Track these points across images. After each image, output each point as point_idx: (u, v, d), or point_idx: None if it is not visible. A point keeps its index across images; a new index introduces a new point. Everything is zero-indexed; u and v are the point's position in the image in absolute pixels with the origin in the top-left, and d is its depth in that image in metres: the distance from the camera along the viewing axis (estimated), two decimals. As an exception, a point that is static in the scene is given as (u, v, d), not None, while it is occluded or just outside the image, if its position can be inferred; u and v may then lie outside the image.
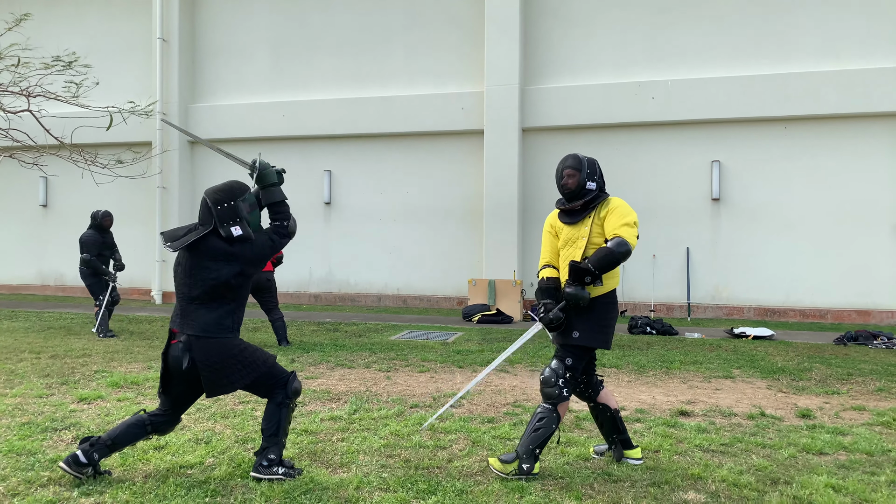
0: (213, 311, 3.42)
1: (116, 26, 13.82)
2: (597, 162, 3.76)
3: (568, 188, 3.68)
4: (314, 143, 12.86)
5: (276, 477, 3.44)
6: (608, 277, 3.61)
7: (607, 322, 3.63)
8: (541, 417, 3.51)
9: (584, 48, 11.54)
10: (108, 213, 8.90)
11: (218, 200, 3.53)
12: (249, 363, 3.49)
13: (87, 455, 3.39)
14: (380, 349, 7.55)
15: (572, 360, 3.57)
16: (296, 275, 12.86)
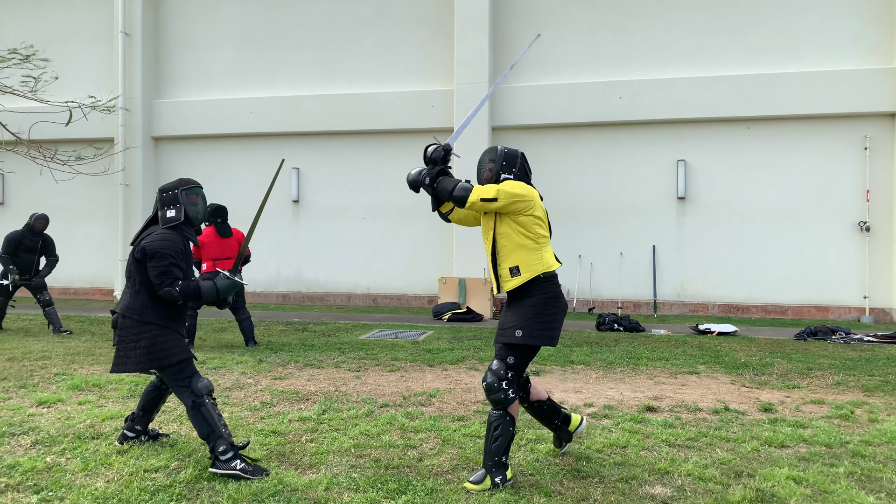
0: (132, 290, 3.74)
1: (77, 18, 13.45)
2: (519, 155, 3.64)
3: (486, 180, 3.63)
4: (282, 139, 12.71)
5: (234, 472, 3.45)
6: (528, 266, 3.45)
7: (549, 317, 3.45)
8: (496, 426, 3.38)
9: (553, 47, 11.63)
10: (43, 217, 8.72)
11: (164, 189, 3.85)
12: (154, 352, 3.62)
13: (131, 429, 3.99)
14: (349, 349, 7.50)
15: (514, 358, 3.43)
16: (263, 274, 12.69)
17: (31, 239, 8.61)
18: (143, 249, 3.68)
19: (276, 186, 12.60)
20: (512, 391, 3.42)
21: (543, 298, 3.47)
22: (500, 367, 3.43)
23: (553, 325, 3.47)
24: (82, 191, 13.11)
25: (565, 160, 11.63)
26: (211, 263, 7.48)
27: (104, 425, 4.40)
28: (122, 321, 3.71)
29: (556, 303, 3.51)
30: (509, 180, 3.52)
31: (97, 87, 13.09)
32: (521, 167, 3.62)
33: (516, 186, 3.47)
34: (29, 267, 8.62)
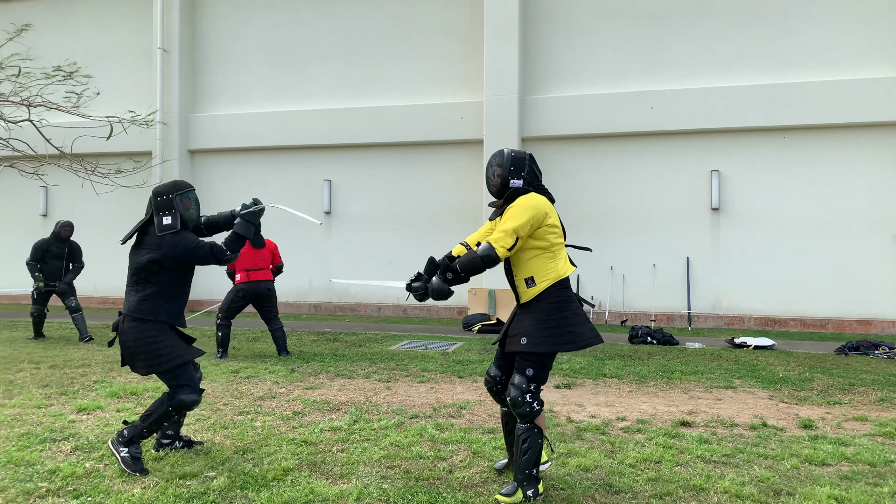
0: (136, 294, 3.85)
1: (117, 36, 13.89)
2: (527, 158, 3.54)
3: (494, 186, 3.55)
4: (314, 152, 12.89)
5: (118, 456, 3.73)
6: (542, 276, 3.39)
7: (556, 322, 3.35)
8: (524, 439, 3.33)
9: (584, 58, 11.60)
10: (68, 224, 9.06)
11: (158, 193, 3.96)
12: (154, 356, 3.79)
13: (164, 436, 4.06)
14: (380, 359, 7.53)
15: (533, 370, 3.36)
16: (295, 284, 12.85)
17: (57, 246, 8.87)
18: (176, 259, 3.83)
19: (308, 197, 12.81)
20: (537, 403, 3.37)
21: (550, 303, 3.39)
22: (521, 381, 3.37)
23: (561, 331, 3.35)
24: (121, 203, 13.46)
25: (596, 171, 11.55)
26: (245, 274, 7.60)
27: (141, 433, 4.48)
28: (126, 325, 3.84)
29: (564, 307, 3.40)
30: (517, 200, 3.41)
31: (136, 102, 13.47)
32: (529, 170, 3.53)
33: (524, 210, 3.35)
34: (57, 274, 8.89)
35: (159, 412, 3.82)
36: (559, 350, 3.36)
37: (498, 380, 3.64)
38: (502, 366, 3.65)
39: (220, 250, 3.94)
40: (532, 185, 3.51)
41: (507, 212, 3.39)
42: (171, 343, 3.85)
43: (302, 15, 12.97)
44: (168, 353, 3.81)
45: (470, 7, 12.11)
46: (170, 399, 3.83)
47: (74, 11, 14.15)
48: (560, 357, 7.70)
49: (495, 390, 3.67)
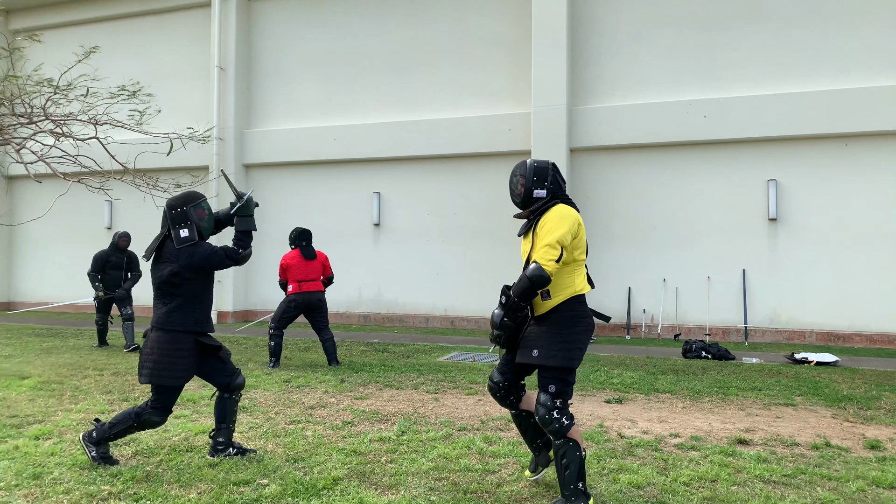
0: (164, 307, 3.99)
1: (177, 55, 14.47)
2: (550, 168, 3.51)
3: (518, 196, 3.53)
4: (364, 165, 13.09)
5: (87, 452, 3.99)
6: (558, 290, 3.35)
7: (569, 336, 3.32)
8: (562, 455, 3.27)
9: (633, 67, 11.46)
10: (126, 234, 9.40)
11: (172, 206, 4.05)
12: (159, 367, 3.92)
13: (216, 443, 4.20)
14: (427, 370, 7.54)
15: (555, 386, 3.31)
16: (346, 295, 13.03)
17: (116, 256, 9.24)
18: (195, 268, 3.97)
19: (358, 209, 13.01)
20: (566, 418, 3.31)
21: (564, 317, 3.36)
22: (546, 399, 3.32)
23: (572, 346, 3.32)
24: (180, 216, 13.94)
25: (647, 181, 11.36)
26: (297, 285, 7.76)
27: (197, 439, 4.61)
28: (152, 334, 4.01)
29: (578, 322, 3.36)
30: (551, 211, 3.38)
31: (195, 119, 13.99)
32: (553, 179, 3.50)
33: (562, 220, 3.32)
34: (116, 283, 9.24)
35: (125, 425, 3.98)
36: (569, 365, 3.31)
37: (501, 385, 3.63)
38: (506, 372, 3.63)
39: (233, 251, 4.10)
40: (557, 195, 3.49)
41: (544, 226, 3.35)
42: (181, 363, 3.96)
43: (352, 31, 13.25)
44: (171, 370, 3.93)
45: (517, 19, 12.13)
46: (138, 415, 3.98)
47: (139, 33, 14.82)
48: (611, 371, 7.56)
49: (500, 395, 3.66)
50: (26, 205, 15.66)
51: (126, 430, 4.01)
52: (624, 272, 11.44)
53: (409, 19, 12.87)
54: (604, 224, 11.55)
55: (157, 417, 4.01)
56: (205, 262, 4.00)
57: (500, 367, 3.66)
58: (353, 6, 13.26)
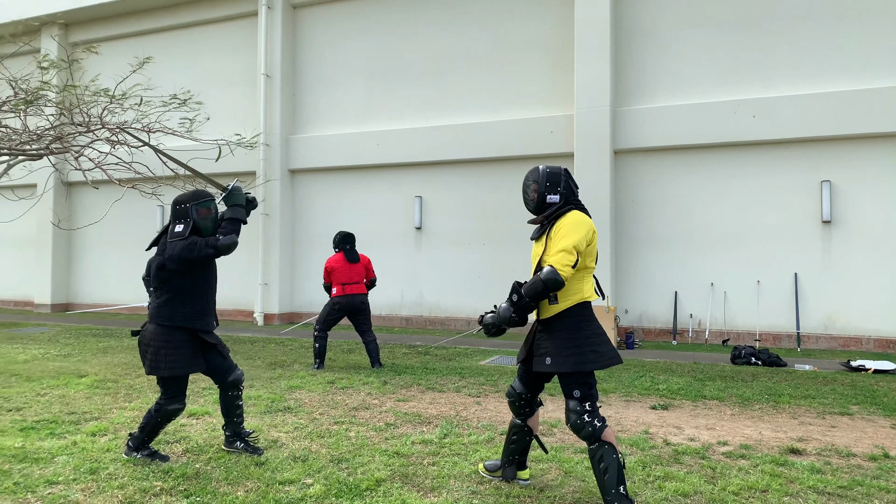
0: (156, 301, 4.09)
1: (226, 64, 14.86)
2: (562, 173, 3.55)
3: (532, 201, 3.59)
4: (406, 169, 13.19)
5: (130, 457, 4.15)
6: (566, 295, 3.39)
7: (579, 341, 3.35)
8: (599, 458, 3.26)
9: (679, 67, 11.24)
10: None
11: (177, 202, 4.15)
12: (157, 360, 4.02)
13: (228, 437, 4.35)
14: (469, 374, 7.54)
15: (579, 391, 3.35)
16: (388, 298, 13.13)
17: None
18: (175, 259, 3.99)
19: (400, 213, 13.11)
20: (597, 420, 3.32)
21: (572, 322, 3.40)
22: (575, 405, 3.35)
23: (583, 350, 3.34)
24: (228, 220, 14.29)
25: (693, 183, 11.11)
26: (340, 287, 7.87)
27: (244, 438, 4.72)
28: (146, 327, 4.12)
29: (585, 326, 3.40)
30: (567, 217, 3.42)
31: (242, 126, 14.33)
32: (565, 185, 3.54)
33: (577, 226, 3.36)
34: None
35: (151, 423, 4.12)
36: (582, 369, 3.32)
37: (523, 396, 3.68)
38: (527, 382, 3.67)
39: (214, 239, 4.03)
40: (569, 200, 3.53)
41: (560, 230, 3.38)
42: (176, 353, 4.04)
43: (395, 37, 13.38)
44: (169, 362, 4.02)
45: (559, 20, 12.05)
46: (157, 410, 4.10)
47: (190, 43, 15.28)
48: (656, 376, 7.43)
49: (518, 405, 3.71)
50: (84, 210, 16.30)
51: (154, 428, 4.14)
52: (670, 276, 11.22)
53: (450, 24, 12.93)
54: (649, 227, 11.35)
55: (174, 405, 4.13)
56: (184, 252, 3.98)
57: (521, 378, 3.69)
58: (395, 13, 13.39)
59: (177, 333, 4.07)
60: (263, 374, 7.42)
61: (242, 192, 4.22)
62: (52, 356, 8.69)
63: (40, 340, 10.42)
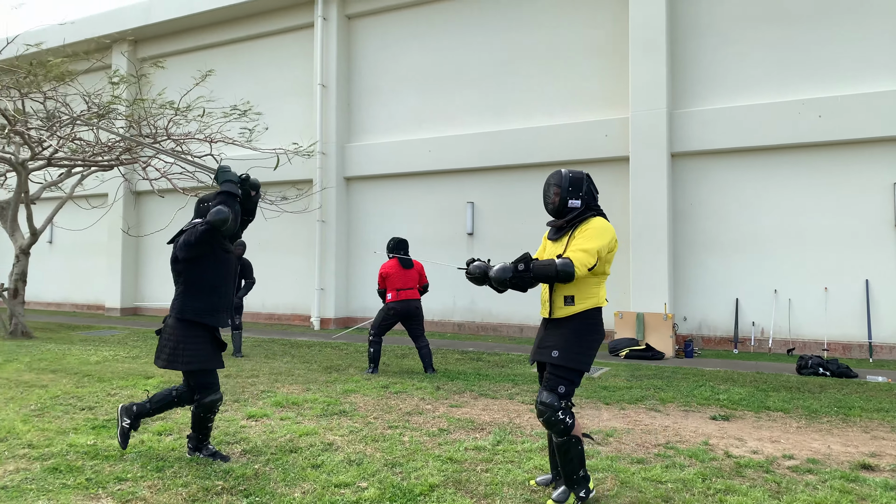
0: (175, 295, 4.26)
1: (284, 76, 15.27)
2: (585, 178, 3.64)
3: (552, 205, 3.67)
4: (458, 175, 13.23)
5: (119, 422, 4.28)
6: (583, 298, 3.49)
7: (588, 343, 3.50)
8: (566, 450, 3.45)
9: (739, 67, 10.90)
10: (241, 243, 9.55)
11: (202, 200, 4.38)
12: (186, 353, 4.13)
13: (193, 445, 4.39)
14: (522, 380, 7.49)
15: (564, 387, 3.47)
16: (440, 303, 13.19)
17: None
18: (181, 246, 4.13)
19: (452, 219, 13.15)
20: (569, 418, 3.46)
21: (585, 324, 3.51)
22: (553, 399, 3.45)
23: (589, 351, 3.50)
24: (285, 227, 14.67)
25: (755, 186, 10.74)
26: (395, 293, 7.95)
27: (301, 440, 4.82)
28: (167, 321, 4.27)
29: (595, 329, 3.53)
30: (594, 221, 3.51)
31: (299, 135, 14.70)
32: (587, 191, 3.63)
33: (604, 232, 3.46)
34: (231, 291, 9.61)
35: (198, 419, 4.26)
36: (583, 368, 3.49)
37: None
38: None
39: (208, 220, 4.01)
40: (590, 205, 3.62)
41: (585, 232, 3.48)
42: (196, 347, 4.15)
43: (447, 44, 13.47)
44: (189, 355, 4.14)
45: (612, 22, 11.88)
46: (197, 405, 4.22)
47: (249, 55, 15.78)
48: (716, 386, 7.20)
49: None
50: (151, 218, 17.02)
51: (201, 423, 4.28)
52: (731, 282, 10.86)
53: (503, 30, 12.92)
54: (708, 231, 11.03)
55: (211, 397, 4.25)
56: (186, 237, 4.11)
57: (541, 382, 3.74)
58: (448, 20, 13.48)
59: (194, 328, 4.19)
60: (320, 378, 7.56)
61: (231, 171, 4.21)
62: (122, 358, 9.10)
63: (111, 343, 10.91)
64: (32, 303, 18.39)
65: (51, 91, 11.74)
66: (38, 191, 12.58)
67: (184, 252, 4.15)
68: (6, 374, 7.53)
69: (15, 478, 3.95)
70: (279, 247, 15.03)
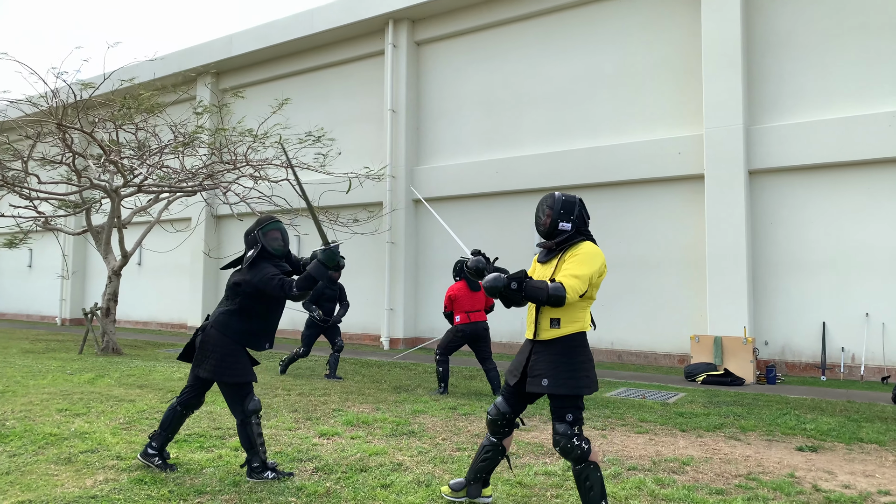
0: (222, 308, 4.45)
1: (355, 103, 15.74)
2: (577, 203, 3.66)
3: (543, 226, 3.67)
4: (526, 196, 13.19)
5: (266, 479, 4.29)
6: (569, 322, 3.51)
7: (576, 365, 3.48)
8: (585, 477, 3.41)
9: (821, 80, 10.42)
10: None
11: (248, 231, 4.54)
12: (227, 365, 4.32)
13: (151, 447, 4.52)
14: (593, 406, 7.32)
15: (572, 414, 3.48)
16: (509, 325, 13.10)
17: (330, 289, 9.52)
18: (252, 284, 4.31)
19: (518, 240, 13.09)
20: (585, 443, 3.45)
21: (570, 348, 3.51)
22: (566, 429, 3.46)
23: (579, 374, 3.48)
24: (357, 249, 15.01)
25: (839, 204, 10.18)
26: (465, 315, 7.96)
27: (371, 460, 4.87)
28: (209, 330, 4.41)
29: (581, 352, 3.53)
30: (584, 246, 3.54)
31: (370, 159, 15.07)
32: (578, 214, 3.65)
33: (594, 258, 3.49)
34: (329, 313, 9.50)
35: (248, 432, 4.34)
36: (578, 392, 3.46)
37: (506, 416, 3.76)
38: (513, 403, 3.75)
39: (289, 285, 4.20)
40: (581, 229, 3.65)
41: (575, 257, 3.51)
42: (240, 361, 4.37)
43: (514, 66, 13.54)
44: (235, 369, 4.33)
45: (684, 38, 11.63)
46: (244, 415, 4.35)
47: (322, 83, 16.38)
48: (803, 415, 6.81)
49: (499, 424, 3.77)
50: (230, 240, 17.79)
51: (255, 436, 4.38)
52: (817, 306, 10.28)
53: (571, 49, 12.88)
54: (791, 252, 10.51)
55: (254, 405, 4.40)
56: (260, 283, 4.28)
57: (507, 398, 3.76)
58: (515, 42, 13.57)
59: (235, 344, 4.40)
60: (389, 398, 7.64)
61: (337, 255, 4.26)
62: (202, 375, 9.47)
63: (192, 360, 11.39)
64: (122, 321, 19.50)
65: (142, 122, 12.54)
66: (129, 216, 13.41)
67: (252, 290, 4.37)
68: (98, 389, 8.00)
69: (104, 488, 4.17)
70: (350, 268, 15.36)
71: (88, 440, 5.35)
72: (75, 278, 21.19)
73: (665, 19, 11.92)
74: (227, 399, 4.44)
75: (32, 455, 4.91)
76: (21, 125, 13.58)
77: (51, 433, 5.56)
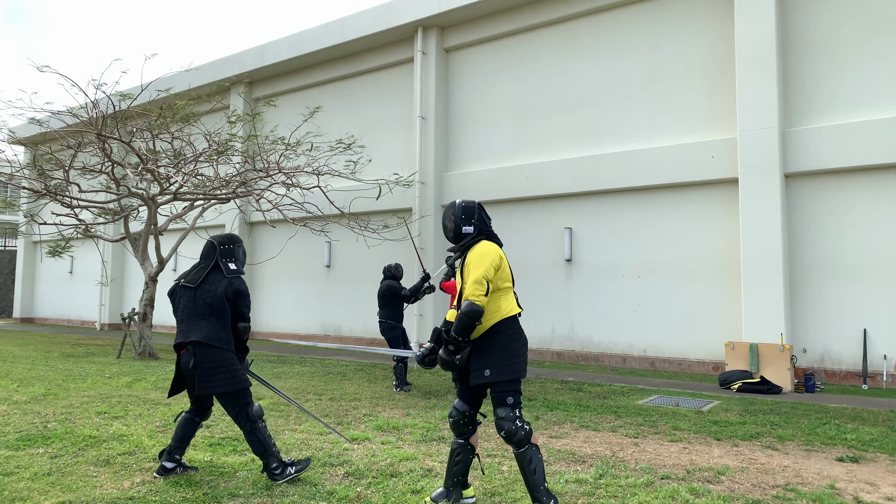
0: (210, 325, 4.49)
1: (385, 110, 15.87)
2: (476, 207, 3.96)
3: (451, 231, 3.95)
4: (555, 201, 13.12)
5: (291, 477, 4.40)
6: (489, 314, 3.74)
7: (512, 352, 3.72)
8: (529, 459, 3.60)
9: (859, 81, 10.16)
10: (399, 265, 9.44)
11: (222, 242, 4.74)
12: (233, 375, 4.45)
13: (169, 461, 4.56)
14: (626, 413, 7.22)
15: (513, 397, 3.68)
16: (538, 331, 13.02)
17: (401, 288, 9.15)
18: (237, 291, 4.58)
19: (549, 245, 13.02)
20: (527, 425, 3.66)
21: (504, 336, 3.75)
22: (507, 412, 3.66)
23: (517, 359, 3.72)
24: (386, 254, 15.09)
25: (884, 207, 9.90)
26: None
27: (401, 465, 4.89)
28: (205, 349, 4.44)
29: (515, 339, 3.77)
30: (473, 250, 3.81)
31: (399, 165, 15.17)
32: (479, 217, 3.94)
33: (482, 257, 3.73)
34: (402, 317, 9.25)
35: (258, 437, 4.42)
36: (518, 376, 3.70)
37: (466, 414, 3.92)
38: (468, 400, 3.92)
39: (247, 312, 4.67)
40: (482, 231, 3.93)
41: (469, 263, 3.78)
42: (240, 367, 4.56)
43: (543, 71, 13.49)
44: (242, 375, 4.51)
45: (717, 41, 11.45)
46: (251, 423, 4.45)
47: (352, 91, 16.55)
48: (843, 424, 6.62)
49: (461, 423, 3.92)
50: (263, 247, 18.06)
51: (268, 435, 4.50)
52: (857, 311, 10.00)
53: (600, 55, 12.79)
54: (829, 256, 10.25)
55: (256, 406, 4.52)
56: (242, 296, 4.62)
57: (462, 396, 3.94)
58: (544, 47, 13.53)
59: (227, 352, 4.55)
60: (419, 403, 7.65)
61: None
62: (235, 379, 9.61)
63: (226, 364, 11.57)
64: (158, 326, 19.92)
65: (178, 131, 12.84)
66: (165, 223, 13.71)
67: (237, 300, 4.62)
68: (135, 392, 8.18)
69: (141, 489, 4.26)
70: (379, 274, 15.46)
71: (126, 442, 5.48)
72: (114, 284, 21.73)
73: (695, 22, 11.76)
74: (232, 409, 4.50)
75: (73, 457, 5.04)
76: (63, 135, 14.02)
77: (90, 435, 5.70)
